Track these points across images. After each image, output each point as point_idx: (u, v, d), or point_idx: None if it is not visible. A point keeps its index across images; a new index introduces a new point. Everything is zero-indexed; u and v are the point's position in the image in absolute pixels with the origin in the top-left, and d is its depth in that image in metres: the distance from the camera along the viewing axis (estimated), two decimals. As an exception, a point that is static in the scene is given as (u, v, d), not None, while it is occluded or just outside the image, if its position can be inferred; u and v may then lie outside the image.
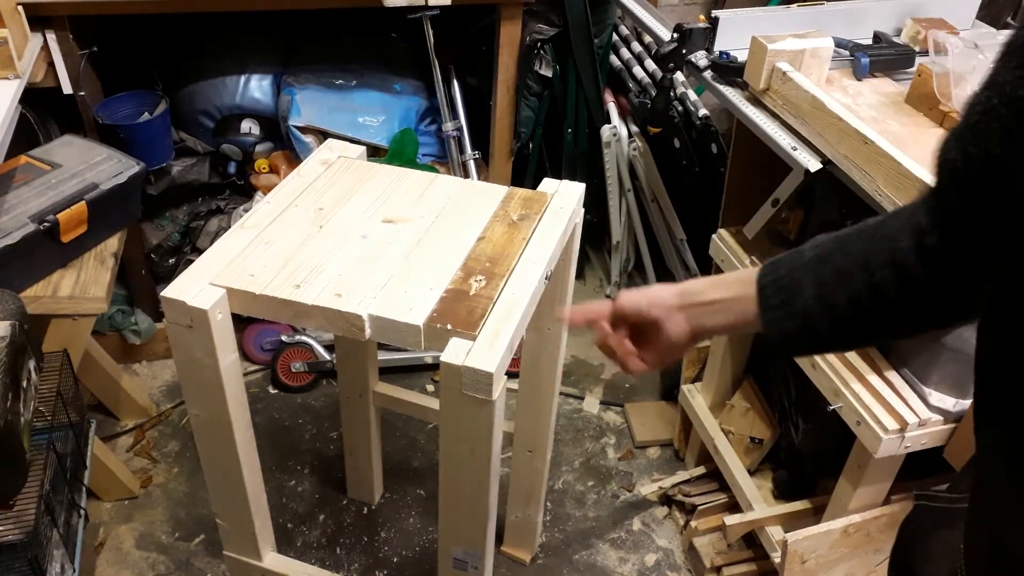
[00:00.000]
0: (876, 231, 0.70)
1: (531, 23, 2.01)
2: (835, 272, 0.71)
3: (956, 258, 0.63)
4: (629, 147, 2.19)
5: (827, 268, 0.72)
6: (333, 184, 1.29)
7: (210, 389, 1.11)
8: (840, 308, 0.71)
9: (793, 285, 0.74)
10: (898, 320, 0.70)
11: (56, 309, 1.53)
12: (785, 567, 1.43)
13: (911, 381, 1.31)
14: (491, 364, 0.96)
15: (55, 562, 1.37)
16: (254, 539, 1.32)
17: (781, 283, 0.75)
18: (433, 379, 2.24)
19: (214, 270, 1.09)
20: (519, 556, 1.80)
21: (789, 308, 0.74)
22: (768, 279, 0.76)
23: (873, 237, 0.70)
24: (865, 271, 0.69)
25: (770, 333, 0.76)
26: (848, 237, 0.73)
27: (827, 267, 0.72)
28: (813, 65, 1.39)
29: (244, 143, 2.11)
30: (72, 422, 1.50)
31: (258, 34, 2.19)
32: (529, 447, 1.61)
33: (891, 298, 0.67)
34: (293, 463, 2.00)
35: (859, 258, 0.70)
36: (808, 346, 0.79)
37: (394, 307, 1.04)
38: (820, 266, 0.73)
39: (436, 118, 2.13)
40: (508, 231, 1.20)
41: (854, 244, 0.71)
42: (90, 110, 1.83)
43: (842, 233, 0.74)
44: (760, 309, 0.76)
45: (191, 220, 2.14)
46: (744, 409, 1.77)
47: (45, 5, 1.64)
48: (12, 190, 1.52)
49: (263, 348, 2.22)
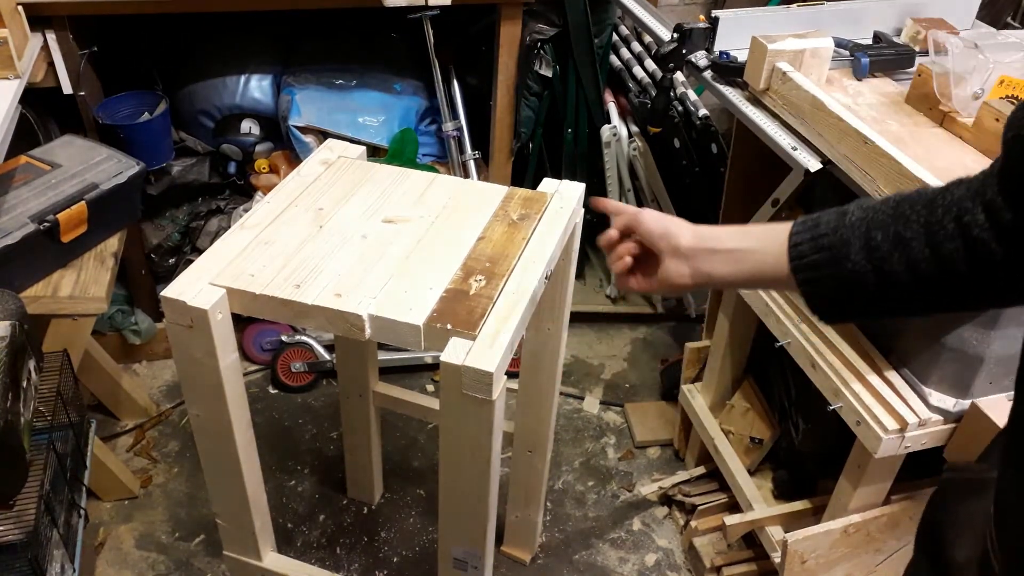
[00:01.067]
0: (934, 201, 0.68)
1: (531, 23, 2.01)
2: (892, 237, 0.69)
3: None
4: (629, 147, 2.19)
5: (880, 233, 0.70)
6: (333, 184, 1.29)
7: (210, 389, 1.11)
8: (896, 274, 0.69)
9: (839, 245, 0.72)
10: (968, 294, 0.69)
11: (56, 309, 1.53)
12: (785, 567, 1.43)
13: (911, 381, 1.31)
14: (491, 364, 0.96)
15: (55, 562, 1.37)
16: (254, 539, 1.32)
17: (822, 242, 0.73)
18: (433, 379, 2.24)
19: (214, 270, 1.09)
20: (519, 556, 1.80)
21: (832, 269, 0.72)
22: (804, 236, 0.74)
23: (932, 206, 0.68)
24: (929, 241, 0.67)
25: (805, 291, 0.75)
26: (902, 203, 0.71)
27: (879, 232, 0.70)
28: (813, 65, 1.39)
29: (244, 143, 2.11)
30: (72, 422, 1.50)
31: (258, 34, 2.19)
32: (529, 447, 1.61)
33: (962, 272, 0.66)
34: (293, 463, 2.00)
35: (920, 226, 0.68)
36: (844, 309, 0.76)
37: (394, 307, 1.04)
38: (872, 229, 0.71)
39: (436, 118, 2.13)
40: (508, 231, 1.20)
41: (911, 211, 0.70)
42: (90, 110, 1.83)
43: (893, 199, 0.72)
44: (792, 266, 0.75)
45: (191, 220, 2.14)
46: (744, 409, 1.77)
47: (45, 5, 1.64)
48: (12, 190, 1.52)
49: (263, 348, 2.22)
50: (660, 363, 2.28)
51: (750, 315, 1.61)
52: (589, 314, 2.43)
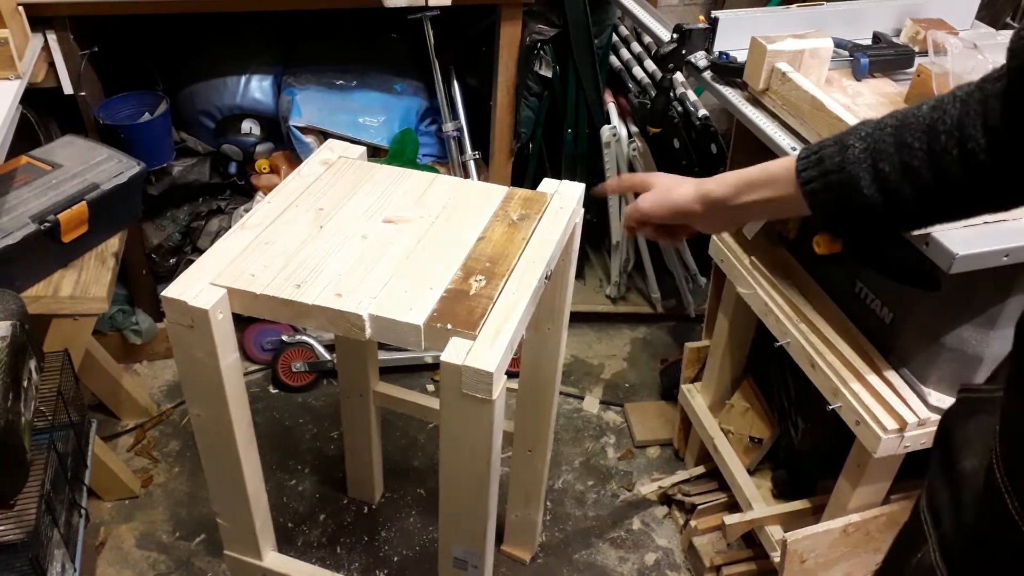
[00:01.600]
0: (935, 126, 0.72)
1: (531, 23, 2.01)
2: (899, 167, 0.73)
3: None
4: (629, 147, 2.19)
5: (887, 164, 0.74)
6: (333, 184, 1.30)
7: (211, 389, 1.12)
8: (906, 200, 0.73)
9: (849, 182, 0.76)
10: (965, 205, 0.74)
11: (57, 309, 1.53)
12: (784, 566, 1.43)
13: (910, 381, 1.31)
14: (491, 364, 0.96)
15: (56, 562, 1.37)
16: (255, 538, 1.32)
17: (831, 180, 0.78)
18: (433, 379, 2.25)
19: (215, 270, 1.09)
20: (519, 555, 1.80)
21: (846, 202, 0.77)
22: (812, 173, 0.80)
23: (933, 132, 0.72)
24: (934, 168, 0.72)
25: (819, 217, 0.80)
26: (901, 129, 0.74)
27: (886, 163, 0.74)
28: (812, 65, 1.39)
29: (245, 143, 2.11)
30: (73, 422, 1.50)
31: (258, 34, 2.20)
32: (529, 447, 1.62)
33: (962, 188, 0.71)
34: (293, 463, 2.00)
35: (924, 154, 0.72)
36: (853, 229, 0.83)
37: (394, 307, 1.04)
38: (878, 161, 0.75)
39: (436, 118, 2.13)
40: (508, 231, 1.20)
41: (913, 139, 0.73)
42: (91, 110, 1.83)
43: (890, 124, 0.76)
44: (808, 201, 0.80)
45: (192, 220, 2.15)
46: (744, 409, 1.77)
47: (46, 5, 1.65)
48: (13, 190, 1.53)
49: (264, 348, 2.22)
50: (660, 363, 2.28)
51: (750, 315, 1.61)
52: (589, 314, 2.43)
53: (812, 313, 1.44)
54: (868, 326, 1.39)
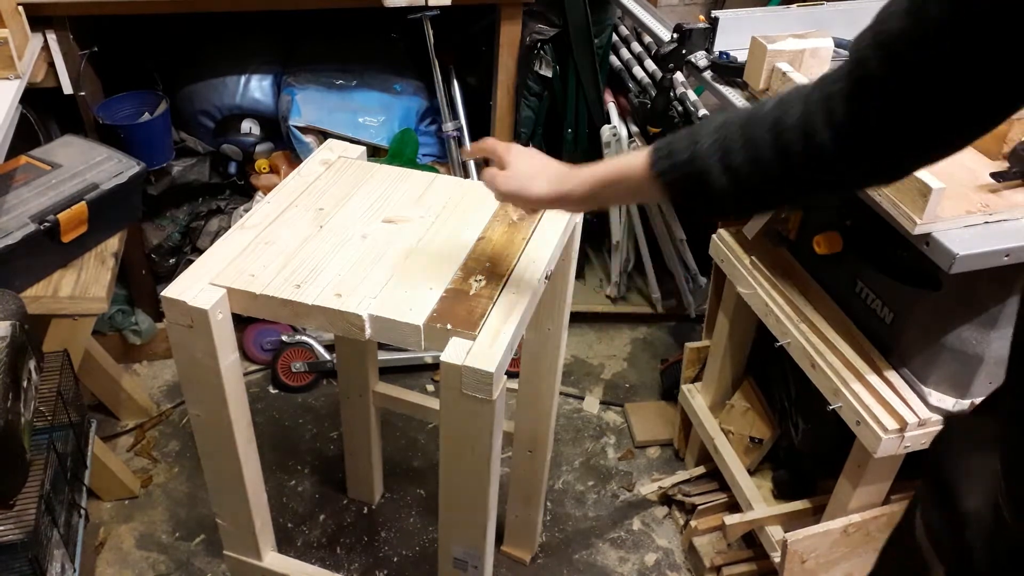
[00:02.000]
0: (780, 122, 0.75)
1: (531, 23, 2.01)
2: (748, 161, 0.77)
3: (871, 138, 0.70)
4: (629, 147, 2.19)
5: (737, 156, 0.78)
6: (333, 184, 1.30)
7: (210, 389, 1.12)
8: (755, 187, 0.78)
9: (701, 172, 0.80)
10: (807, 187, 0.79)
11: (56, 309, 1.53)
12: (785, 567, 1.43)
13: (911, 381, 1.31)
14: (491, 364, 0.96)
15: (55, 562, 1.37)
16: (254, 539, 1.32)
17: (684, 170, 0.82)
18: (433, 379, 2.24)
19: (214, 270, 1.09)
20: (519, 556, 1.80)
21: (697, 188, 0.81)
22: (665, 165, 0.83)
23: (778, 128, 0.75)
24: (781, 161, 0.75)
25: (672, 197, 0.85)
26: (748, 124, 0.78)
27: (736, 156, 0.78)
28: (813, 65, 1.39)
29: (244, 143, 2.11)
30: (72, 422, 1.50)
31: (258, 34, 2.20)
32: (529, 447, 1.61)
33: (805, 173, 0.75)
34: (293, 463, 2.00)
35: (771, 149, 0.76)
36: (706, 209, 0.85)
37: (394, 307, 1.04)
38: (727, 154, 0.78)
39: (436, 118, 2.13)
40: (508, 231, 1.20)
41: (759, 134, 0.77)
42: (90, 110, 1.83)
43: (736, 122, 0.80)
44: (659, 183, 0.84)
45: (191, 220, 2.14)
46: (744, 409, 1.77)
47: (45, 5, 1.65)
48: (12, 190, 1.52)
49: (263, 348, 2.22)
50: (660, 363, 2.28)
51: (750, 315, 1.61)
52: (589, 314, 2.43)
53: (812, 313, 1.44)
54: (869, 326, 1.39)
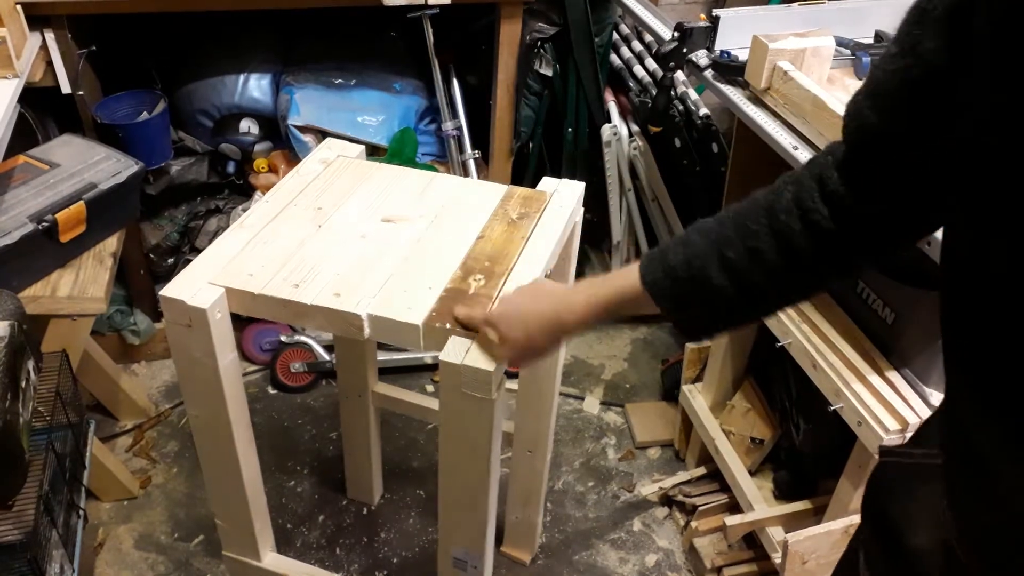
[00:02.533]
0: (773, 207, 0.73)
1: (531, 22, 2.00)
2: (745, 252, 0.73)
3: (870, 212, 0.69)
4: (629, 146, 2.19)
5: (732, 250, 0.74)
6: (332, 183, 1.29)
7: (209, 389, 1.11)
8: (756, 284, 0.74)
9: (697, 275, 0.76)
10: (816, 280, 0.76)
11: (55, 309, 1.52)
12: (786, 568, 1.43)
13: (912, 381, 1.30)
14: (491, 363, 0.95)
15: (54, 562, 1.37)
16: (253, 539, 1.32)
17: (678, 273, 0.77)
18: (433, 379, 2.24)
19: (213, 270, 1.08)
20: (519, 556, 1.79)
21: (698, 295, 0.77)
22: (658, 274, 0.79)
23: (772, 212, 0.73)
24: (781, 246, 0.72)
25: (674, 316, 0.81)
26: (740, 216, 0.75)
27: (731, 250, 0.74)
28: (814, 64, 1.39)
29: (243, 142, 2.11)
30: (71, 422, 1.49)
31: (257, 33, 2.19)
32: (529, 447, 1.61)
33: (811, 262, 0.72)
34: (292, 463, 2.00)
35: (767, 235, 0.72)
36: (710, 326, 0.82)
37: (393, 306, 1.04)
38: (724, 248, 0.75)
39: (436, 117, 2.13)
40: (507, 230, 1.19)
41: (754, 223, 0.74)
42: (89, 109, 1.82)
43: (728, 217, 0.77)
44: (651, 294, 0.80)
45: (190, 220, 2.14)
46: (745, 409, 1.76)
47: (44, 4, 1.64)
48: (10, 190, 1.52)
49: (262, 348, 2.21)
50: (661, 363, 2.28)
51: (751, 315, 1.60)
52: (589, 314, 2.42)
53: (813, 313, 1.44)
54: (870, 326, 1.39)
